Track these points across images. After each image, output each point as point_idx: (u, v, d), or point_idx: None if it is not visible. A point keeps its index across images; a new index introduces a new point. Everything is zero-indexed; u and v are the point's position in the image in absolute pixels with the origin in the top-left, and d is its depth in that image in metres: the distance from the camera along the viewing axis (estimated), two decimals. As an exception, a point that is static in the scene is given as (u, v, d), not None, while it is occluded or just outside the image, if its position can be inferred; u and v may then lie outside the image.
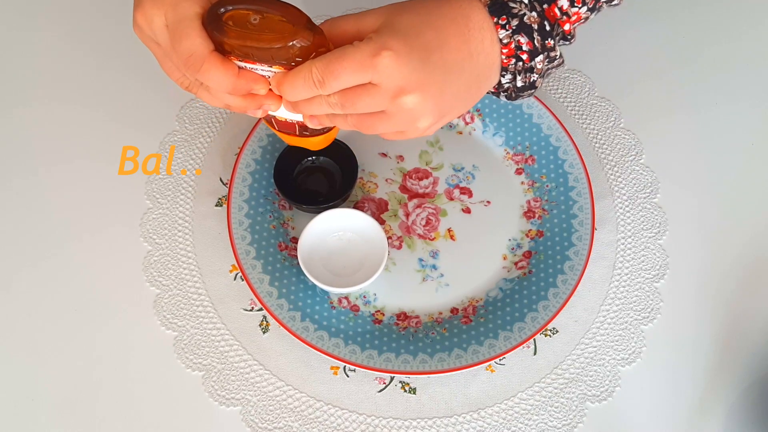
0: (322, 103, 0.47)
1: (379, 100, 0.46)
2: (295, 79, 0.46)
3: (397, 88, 0.45)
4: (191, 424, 0.60)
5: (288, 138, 0.56)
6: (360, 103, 0.46)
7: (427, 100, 0.47)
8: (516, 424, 0.61)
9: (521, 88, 0.52)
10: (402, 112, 0.47)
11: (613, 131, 0.75)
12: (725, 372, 0.63)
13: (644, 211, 0.71)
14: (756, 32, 0.82)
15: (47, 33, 0.78)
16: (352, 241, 0.66)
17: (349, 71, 0.44)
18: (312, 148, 0.58)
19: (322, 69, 0.44)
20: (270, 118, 0.54)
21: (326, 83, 0.45)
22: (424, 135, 0.51)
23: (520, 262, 0.67)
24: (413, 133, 0.50)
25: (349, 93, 0.46)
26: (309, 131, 0.54)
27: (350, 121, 0.49)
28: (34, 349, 0.62)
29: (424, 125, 0.49)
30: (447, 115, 0.50)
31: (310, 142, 0.56)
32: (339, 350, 0.60)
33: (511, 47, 0.49)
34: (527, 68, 0.50)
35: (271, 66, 0.46)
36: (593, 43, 0.80)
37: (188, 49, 0.45)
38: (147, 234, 0.68)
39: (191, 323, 0.64)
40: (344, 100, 0.46)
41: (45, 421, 0.60)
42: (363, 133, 0.50)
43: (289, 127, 0.54)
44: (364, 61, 0.44)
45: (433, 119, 0.48)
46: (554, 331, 0.64)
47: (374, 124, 0.48)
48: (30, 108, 0.74)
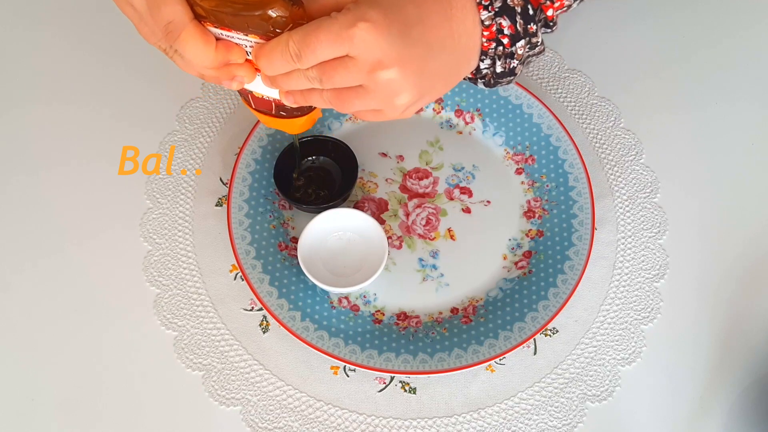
0: (300, 77, 0.45)
1: (355, 73, 0.44)
2: (272, 52, 0.44)
3: (374, 62, 0.44)
4: (191, 424, 0.60)
5: (266, 119, 0.55)
6: (337, 76, 0.44)
7: (407, 76, 0.45)
8: (516, 424, 0.61)
9: (500, 74, 0.50)
10: (379, 88, 0.45)
11: (613, 131, 0.75)
12: (725, 372, 0.63)
13: (644, 211, 0.71)
14: (756, 32, 0.82)
15: (47, 33, 0.78)
16: (352, 241, 0.66)
17: (325, 43, 0.42)
18: (290, 132, 0.57)
19: (298, 41, 0.43)
20: (247, 94, 0.52)
21: (303, 56, 0.43)
22: (402, 116, 0.49)
23: (520, 261, 0.67)
24: (391, 111, 0.48)
25: (326, 66, 0.44)
26: (286, 111, 0.53)
27: (326, 96, 0.47)
28: (34, 349, 0.62)
29: (403, 102, 0.47)
30: (426, 95, 0.48)
31: (289, 125, 0.55)
32: (339, 350, 0.60)
33: (493, 30, 0.48)
34: (507, 53, 0.49)
35: (247, 35, 0.44)
36: (593, 43, 0.80)
37: (167, 16, 0.43)
38: (147, 234, 0.68)
39: (191, 323, 0.64)
40: (322, 74, 0.44)
41: (45, 421, 0.60)
42: (339, 111, 0.48)
43: (266, 105, 0.53)
44: (341, 32, 0.42)
45: (412, 97, 0.47)
46: (554, 330, 0.64)
47: (351, 100, 0.46)
48: (30, 108, 0.74)
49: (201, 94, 0.75)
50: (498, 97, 0.73)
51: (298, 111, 0.53)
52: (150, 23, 0.44)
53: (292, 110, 0.53)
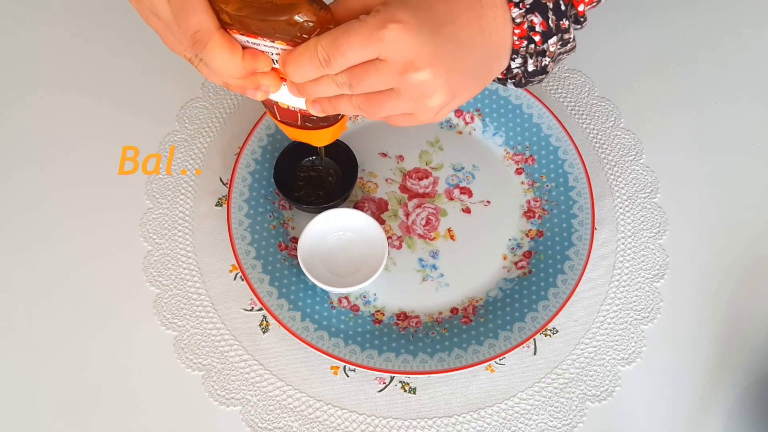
0: (329, 83, 0.44)
1: (387, 76, 0.43)
2: (300, 57, 0.43)
3: (406, 63, 0.43)
4: (191, 424, 0.60)
5: (290, 131, 0.55)
6: (367, 80, 0.43)
7: (439, 76, 0.44)
8: (516, 424, 0.61)
9: (532, 72, 0.49)
10: (412, 89, 0.44)
11: (613, 131, 0.75)
12: (725, 372, 0.63)
13: (644, 211, 0.71)
14: (756, 32, 0.82)
15: (47, 33, 0.78)
16: (352, 241, 0.66)
17: (355, 46, 0.41)
18: (315, 144, 0.56)
19: (327, 45, 0.42)
20: (272, 105, 0.52)
21: (332, 61, 0.42)
22: (435, 119, 0.48)
23: (520, 261, 0.67)
24: (423, 114, 0.47)
25: (356, 70, 0.43)
26: (311, 122, 0.52)
27: (356, 102, 0.46)
28: (34, 349, 0.62)
29: (436, 104, 0.46)
30: (459, 95, 0.47)
31: (314, 136, 0.54)
32: (339, 350, 0.60)
33: (524, 27, 0.47)
34: (539, 51, 0.48)
35: (274, 41, 0.44)
36: (593, 43, 0.80)
37: (194, 25, 0.42)
38: (147, 234, 0.68)
39: (191, 323, 0.64)
40: (352, 78, 0.43)
41: (45, 421, 0.60)
42: (369, 118, 0.47)
43: (291, 116, 0.52)
44: (371, 34, 0.41)
45: (445, 98, 0.46)
46: (554, 331, 0.64)
47: (382, 104, 0.45)
48: (29, 108, 0.74)
49: (201, 94, 0.75)
50: (498, 97, 0.73)
51: (324, 121, 0.52)
52: (176, 33, 0.44)
53: (318, 120, 0.52)
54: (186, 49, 0.44)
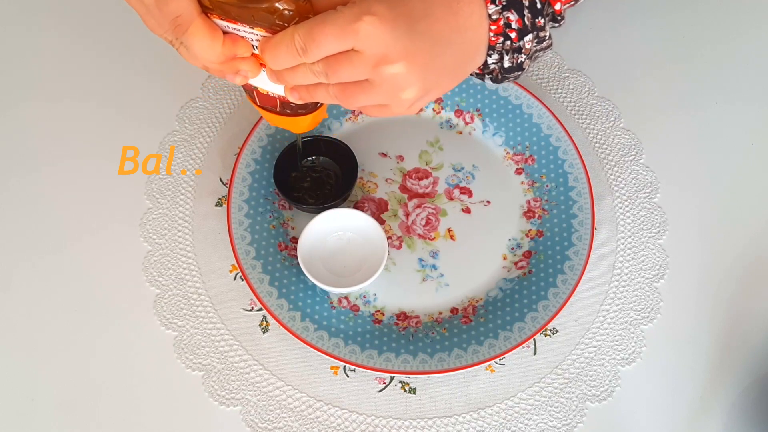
0: (306, 71, 0.45)
1: (361, 67, 0.44)
2: (277, 46, 0.44)
3: (380, 56, 0.43)
4: (191, 424, 0.60)
5: (270, 117, 0.55)
6: (342, 70, 0.44)
7: (413, 71, 0.45)
8: (516, 424, 0.61)
9: (508, 69, 0.50)
10: (385, 82, 0.45)
11: (613, 131, 0.75)
12: (725, 372, 0.63)
13: (644, 211, 0.71)
14: (756, 32, 0.82)
15: (47, 33, 0.78)
16: (352, 241, 0.66)
17: (330, 37, 0.42)
18: (295, 131, 0.57)
19: (304, 35, 0.42)
20: (252, 90, 0.52)
21: (308, 50, 0.43)
22: (408, 112, 0.48)
23: (520, 262, 0.67)
24: (397, 107, 0.47)
25: (332, 60, 0.44)
26: (290, 108, 0.53)
27: (332, 91, 0.47)
28: (33, 349, 0.62)
29: (409, 97, 0.46)
30: (433, 90, 0.48)
31: (293, 123, 0.55)
32: (339, 350, 0.60)
33: (500, 24, 0.47)
34: (515, 48, 0.49)
35: (253, 27, 0.44)
36: (593, 43, 0.80)
37: (175, 10, 0.43)
38: (147, 234, 0.68)
39: (191, 323, 0.64)
40: (327, 68, 0.44)
41: (45, 421, 0.60)
42: (345, 107, 0.48)
43: (270, 102, 0.53)
44: (346, 26, 0.42)
45: (418, 92, 0.46)
46: (554, 331, 0.64)
47: (356, 95, 0.46)
48: (29, 108, 0.74)
49: (201, 94, 0.75)
50: (498, 97, 0.73)
51: (303, 108, 0.53)
52: (157, 16, 0.44)
53: (297, 107, 0.53)
54: (166, 32, 0.45)
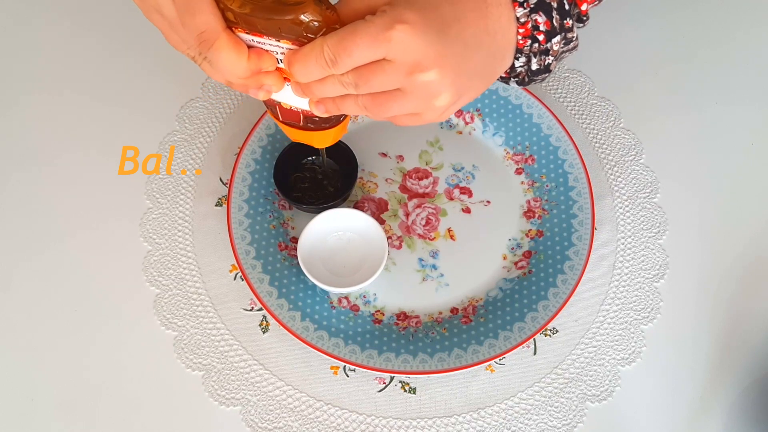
0: (335, 83, 0.44)
1: (394, 76, 0.43)
2: (306, 58, 0.43)
3: (413, 63, 0.43)
4: (191, 424, 0.60)
5: (292, 132, 0.55)
6: (374, 80, 0.43)
7: (446, 76, 0.44)
8: (516, 424, 0.61)
9: (536, 71, 0.50)
10: (418, 90, 0.44)
11: (613, 131, 0.75)
12: (725, 372, 0.63)
13: (644, 211, 0.71)
14: (756, 32, 0.82)
15: (47, 33, 0.78)
16: (352, 241, 0.66)
17: (362, 47, 0.41)
18: (317, 146, 0.56)
19: (334, 46, 0.42)
20: (274, 105, 0.52)
21: (339, 61, 0.42)
22: (440, 119, 0.48)
23: (520, 261, 0.67)
24: (429, 114, 0.47)
25: (363, 70, 0.43)
26: (313, 123, 0.52)
27: (362, 102, 0.46)
28: (34, 349, 0.62)
29: (443, 104, 0.46)
30: (464, 95, 0.47)
31: (315, 137, 0.54)
32: (339, 350, 0.60)
33: (528, 27, 0.47)
34: (543, 50, 0.48)
35: (279, 40, 0.44)
36: (593, 43, 0.80)
37: (201, 25, 0.42)
38: (147, 234, 0.68)
39: (191, 323, 0.64)
40: (358, 78, 0.43)
41: (45, 421, 0.60)
42: (374, 118, 0.47)
43: (294, 117, 0.52)
44: (378, 35, 0.41)
45: (451, 97, 0.46)
46: (554, 331, 0.64)
47: (388, 104, 0.45)
48: (29, 108, 0.74)
49: (201, 94, 0.75)
50: (498, 97, 0.73)
51: (326, 123, 0.52)
52: (181, 32, 0.43)
53: (321, 121, 0.52)
54: (190, 48, 0.44)
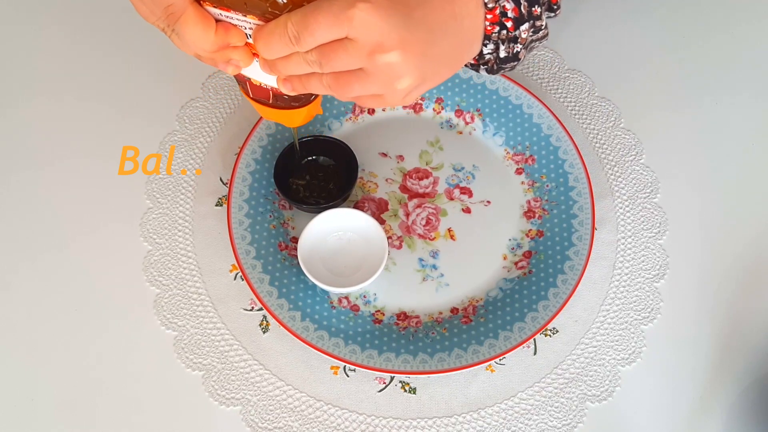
0: (300, 60, 0.44)
1: (355, 56, 0.43)
2: (270, 35, 0.43)
3: (374, 44, 0.42)
4: (191, 424, 0.60)
5: (264, 110, 0.54)
6: (336, 59, 0.43)
7: (408, 60, 0.44)
8: (516, 424, 0.61)
9: (504, 59, 0.50)
10: (380, 71, 0.44)
11: (613, 131, 0.75)
12: (725, 372, 0.63)
13: (644, 211, 0.71)
14: (757, 32, 0.82)
15: (47, 33, 0.78)
16: (352, 241, 0.66)
17: (324, 25, 0.41)
18: (288, 125, 0.56)
19: (297, 23, 0.42)
20: (245, 82, 0.51)
21: (302, 39, 0.42)
22: (403, 102, 0.47)
23: (520, 261, 0.67)
24: (392, 97, 0.47)
25: (326, 48, 0.43)
26: (282, 101, 0.52)
27: (325, 81, 0.46)
28: (33, 349, 0.62)
29: (404, 87, 0.46)
30: (428, 80, 0.47)
31: (286, 116, 0.54)
32: (339, 350, 0.60)
33: (496, 13, 0.47)
34: (511, 37, 0.48)
35: (246, 15, 0.44)
36: (593, 43, 0.80)
37: None
38: (147, 234, 0.68)
39: (191, 323, 0.64)
40: (321, 57, 0.43)
41: (45, 421, 0.60)
42: (338, 97, 0.47)
43: (263, 94, 0.52)
44: (339, 13, 0.41)
45: (414, 81, 0.46)
46: (554, 331, 0.64)
47: (350, 84, 0.45)
48: (29, 108, 0.74)
49: (201, 94, 0.75)
50: (498, 97, 0.73)
51: (296, 101, 0.52)
52: (149, 4, 0.43)
53: (290, 100, 0.52)
54: (159, 20, 0.45)
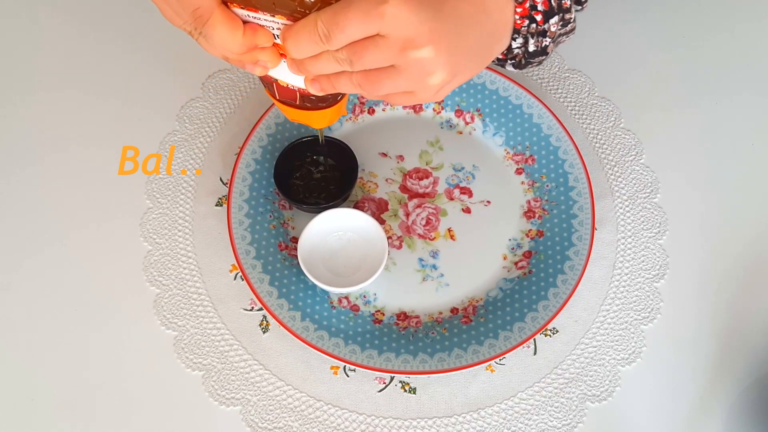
0: (329, 59, 0.44)
1: (387, 52, 0.42)
2: (299, 33, 0.42)
3: (406, 40, 0.42)
4: (191, 424, 0.60)
5: (289, 111, 0.54)
6: (367, 56, 0.43)
7: (440, 54, 0.43)
8: (516, 424, 0.61)
9: (533, 53, 0.49)
10: (412, 67, 0.43)
11: (613, 131, 0.75)
12: (725, 372, 0.63)
13: (644, 211, 0.71)
14: (757, 32, 0.82)
15: (47, 33, 0.78)
16: (352, 241, 0.66)
17: (355, 22, 0.41)
18: (314, 126, 0.56)
19: (327, 20, 0.41)
20: (271, 83, 0.51)
21: (332, 37, 0.41)
22: (435, 98, 0.47)
23: (520, 262, 0.67)
24: (423, 93, 0.46)
25: (357, 46, 0.42)
26: (310, 102, 0.52)
27: (356, 79, 0.45)
28: (34, 349, 0.62)
29: (436, 82, 0.45)
30: (459, 74, 0.46)
31: (312, 117, 0.54)
32: (339, 350, 0.60)
33: (526, 6, 0.46)
34: (540, 31, 0.48)
35: (274, 15, 0.43)
36: (593, 43, 0.80)
37: (195, 1, 0.42)
38: (147, 234, 0.68)
39: (191, 323, 0.64)
40: (352, 54, 0.43)
41: (45, 421, 0.60)
42: (368, 96, 0.46)
43: (290, 95, 0.52)
44: (371, 9, 0.41)
45: (445, 76, 0.45)
46: (554, 331, 0.64)
47: (381, 81, 0.45)
48: (29, 108, 0.74)
49: (201, 94, 0.75)
50: (498, 97, 0.73)
51: (323, 102, 0.52)
52: (176, 7, 0.43)
53: (317, 100, 0.52)
54: (185, 23, 0.44)
